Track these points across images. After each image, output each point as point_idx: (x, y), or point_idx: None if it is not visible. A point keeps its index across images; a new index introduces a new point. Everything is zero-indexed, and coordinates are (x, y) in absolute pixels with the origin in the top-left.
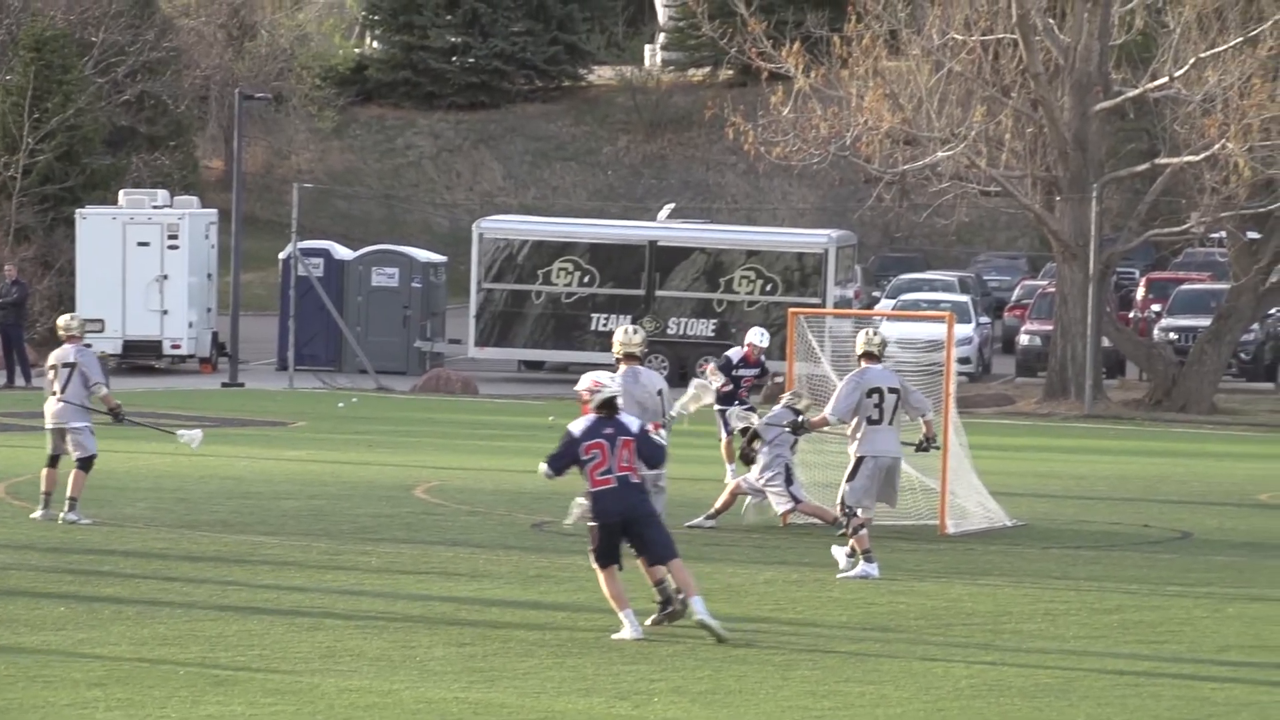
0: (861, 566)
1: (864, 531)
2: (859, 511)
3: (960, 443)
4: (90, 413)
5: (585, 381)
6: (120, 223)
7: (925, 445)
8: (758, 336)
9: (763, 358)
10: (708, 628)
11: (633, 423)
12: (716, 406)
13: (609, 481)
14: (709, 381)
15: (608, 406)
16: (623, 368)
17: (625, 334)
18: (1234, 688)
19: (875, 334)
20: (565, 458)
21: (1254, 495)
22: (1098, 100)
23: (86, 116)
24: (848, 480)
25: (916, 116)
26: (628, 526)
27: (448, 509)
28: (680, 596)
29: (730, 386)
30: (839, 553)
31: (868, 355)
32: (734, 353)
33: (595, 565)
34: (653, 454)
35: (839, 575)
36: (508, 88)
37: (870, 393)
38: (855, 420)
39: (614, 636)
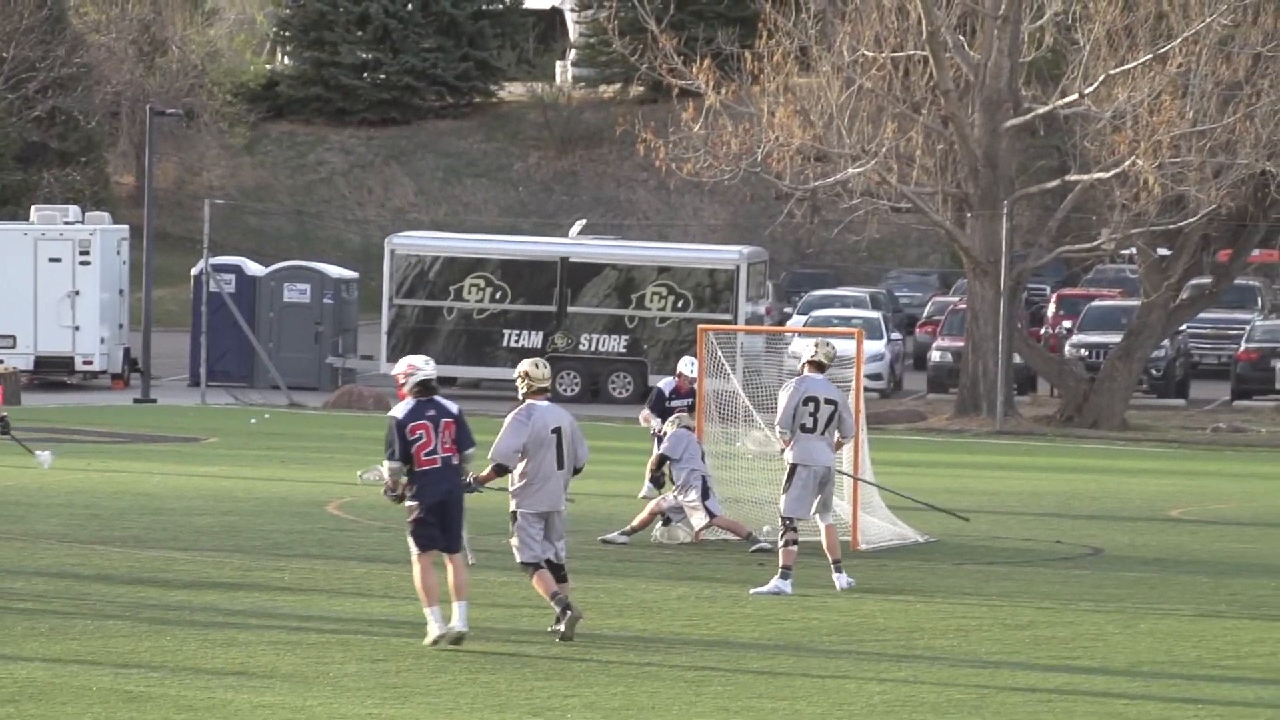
0: (775, 582)
1: (794, 548)
2: (799, 523)
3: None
4: None
5: (401, 365)
6: (32, 238)
7: None
8: (687, 367)
9: (694, 387)
10: (458, 635)
11: (451, 405)
12: (653, 432)
13: (434, 462)
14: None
15: (423, 388)
16: (526, 403)
17: (535, 368)
18: (1146, 704)
19: (827, 345)
20: (399, 444)
21: (1165, 511)
22: (1008, 117)
23: None
24: (784, 491)
25: (827, 133)
26: (443, 507)
27: (360, 525)
28: (566, 619)
29: (665, 430)
30: (840, 579)
31: (813, 364)
32: (665, 385)
33: (414, 551)
34: (465, 438)
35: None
36: (419, 104)
37: (806, 400)
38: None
39: (425, 643)
